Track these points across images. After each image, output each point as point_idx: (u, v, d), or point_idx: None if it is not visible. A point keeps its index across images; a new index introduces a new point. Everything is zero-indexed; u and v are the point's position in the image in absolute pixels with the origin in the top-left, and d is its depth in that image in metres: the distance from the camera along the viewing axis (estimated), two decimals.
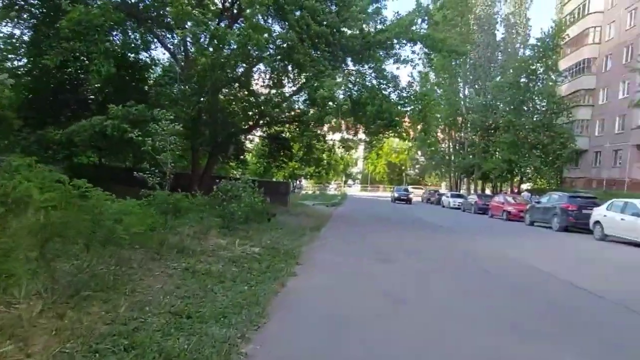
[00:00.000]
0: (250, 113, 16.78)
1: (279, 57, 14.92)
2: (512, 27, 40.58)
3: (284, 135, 19.70)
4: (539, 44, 32.89)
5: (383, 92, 14.36)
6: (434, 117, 17.65)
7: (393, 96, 14.79)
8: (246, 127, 17.78)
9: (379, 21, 14.26)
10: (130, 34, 18.21)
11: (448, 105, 39.72)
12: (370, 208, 28.64)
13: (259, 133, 21.39)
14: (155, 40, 17.57)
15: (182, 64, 15.42)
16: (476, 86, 40.45)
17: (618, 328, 5.03)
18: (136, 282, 5.31)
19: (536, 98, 32.52)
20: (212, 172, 17.52)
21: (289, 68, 14.60)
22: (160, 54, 26.93)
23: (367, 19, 13.74)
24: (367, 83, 14.33)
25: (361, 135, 18.44)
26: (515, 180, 36.14)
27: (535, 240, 15.25)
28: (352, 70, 14.28)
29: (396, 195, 41.52)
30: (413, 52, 14.73)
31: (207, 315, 4.33)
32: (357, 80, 14.19)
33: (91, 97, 15.99)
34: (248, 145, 23.78)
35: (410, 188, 49.99)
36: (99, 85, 15.70)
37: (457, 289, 6.52)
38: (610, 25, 36.82)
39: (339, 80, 11.54)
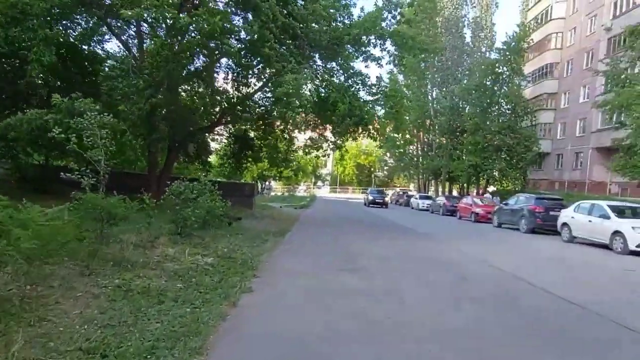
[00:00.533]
0: (212, 110, 15.67)
1: (244, 50, 13.99)
2: (478, 30, 41.00)
3: (248, 134, 18.64)
4: (504, 47, 33.16)
5: (352, 89, 13.61)
6: (404, 114, 17.04)
7: (362, 93, 14.17)
8: (208, 125, 16.67)
9: (346, 16, 13.50)
10: (82, 23, 16.87)
11: (416, 108, 39.64)
12: (339, 210, 27.96)
13: (224, 132, 20.31)
14: (109, 31, 16.29)
15: (136, 55, 14.22)
16: (444, 89, 40.59)
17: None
18: (49, 306, 4.30)
19: (502, 101, 32.76)
20: (171, 172, 16.31)
21: (254, 63, 13.63)
22: (116, 46, 25.38)
23: (335, 15, 12.97)
24: (335, 80, 13.55)
25: (329, 136, 17.70)
26: (481, 182, 36.34)
27: (505, 243, 14.90)
28: (320, 66, 13.44)
29: (370, 198, 36.47)
30: (383, 49, 14.11)
31: (130, 352, 3.40)
32: (325, 77, 13.39)
33: (34, 89, 14.48)
34: (214, 145, 22.62)
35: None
36: (42, 76, 14.25)
37: (436, 302, 5.80)
38: (571, 32, 37.73)
39: (303, 75, 10.69)
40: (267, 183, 46.81)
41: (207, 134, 18.10)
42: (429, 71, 41.00)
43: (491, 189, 44.73)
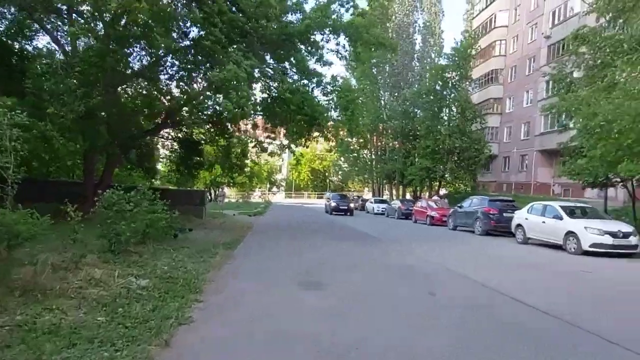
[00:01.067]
0: (157, 112, 14.35)
1: (190, 49, 12.90)
2: (428, 36, 41.74)
3: (195, 138, 17.35)
4: (453, 52, 33.82)
5: (305, 88, 12.84)
6: (359, 115, 16.44)
7: (317, 92, 13.45)
8: (152, 127, 15.31)
9: (298, 12, 12.70)
10: (8, 16, 15.13)
11: (370, 112, 39.65)
12: (294, 216, 27.07)
13: (172, 135, 18.84)
14: (38, 25, 14.64)
15: (68, 51, 12.74)
16: (396, 94, 40.91)
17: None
18: None
19: (452, 105, 33.36)
20: (111, 181, 14.81)
21: (201, 59, 12.53)
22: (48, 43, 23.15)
23: (285, 6, 12.13)
24: (288, 79, 12.71)
25: (283, 138, 16.84)
26: (434, 185, 36.80)
27: (463, 246, 14.66)
28: (271, 64, 12.52)
29: (333, 204, 31.48)
30: (337, 44, 13.39)
31: None
32: (277, 75, 12.53)
33: None
34: (165, 151, 21.06)
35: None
36: None
37: (407, 322, 5.09)
38: (514, 39, 39.22)
39: (245, 64, 9.81)
40: (220, 190, 44.91)
41: (151, 138, 16.67)
42: (380, 76, 41.22)
43: (443, 191, 45.61)
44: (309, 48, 13.12)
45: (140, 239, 8.84)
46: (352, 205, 32.27)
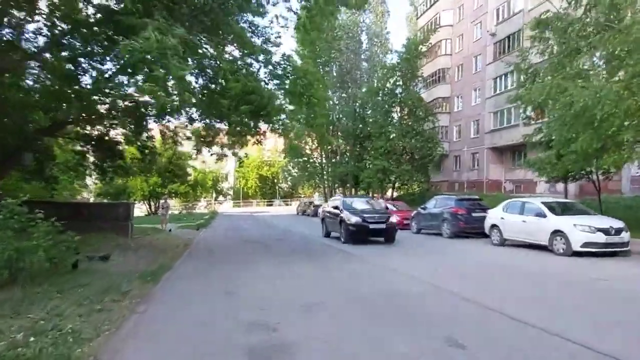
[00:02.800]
0: (58, 104, 10.99)
1: (101, 24, 9.87)
2: (374, 36, 40.32)
3: (110, 137, 13.96)
4: (404, 50, 32.47)
5: (249, 67, 10.10)
6: (322, 100, 13.94)
7: (264, 74, 10.76)
8: (49, 125, 11.91)
9: None
10: None
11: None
12: (241, 227, 24.06)
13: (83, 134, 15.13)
14: None
15: None
16: (344, 94, 39.06)
17: None
18: None
19: (404, 104, 31.90)
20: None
21: (114, 37, 9.53)
22: None
23: None
24: (227, 56, 9.90)
25: (223, 138, 14.01)
26: (388, 186, 35.16)
27: (437, 254, 12.63)
28: (206, 37, 9.62)
29: (355, 220, 14.56)
30: (289, 9, 10.64)
31: None
32: (213, 55, 9.72)
33: None
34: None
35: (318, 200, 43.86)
36: None
37: None
38: (459, 38, 38.76)
39: (173, 32, 7.02)
40: (162, 201, 40.24)
41: (51, 138, 13.15)
42: (327, 76, 39.20)
43: (389, 194, 44.21)
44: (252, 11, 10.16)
45: (7, 278, 5.81)
46: (393, 220, 15.47)
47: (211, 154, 13.72)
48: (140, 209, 56.93)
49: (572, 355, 3.88)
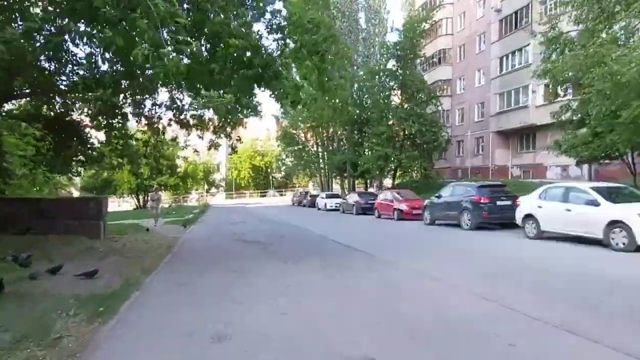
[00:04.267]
0: None
1: None
2: (372, 14, 37.71)
3: (73, 119, 11.40)
4: (407, 27, 30.03)
5: (243, 19, 7.63)
6: (341, 57, 11.47)
7: (260, 28, 8.37)
8: None
9: None
10: None
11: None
12: (235, 222, 21.71)
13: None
14: None
15: None
16: (341, 77, 36.56)
17: None
18: None
19: (406, 86, 29.52)
20: None
21: None
22: None
23: None
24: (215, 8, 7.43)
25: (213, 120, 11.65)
26: (387, 174, 32.96)
27: (468, 250, 10.50)
28: None
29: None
30: None
31: None
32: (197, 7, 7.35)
33: None
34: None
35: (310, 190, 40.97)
36: None
37: None
38: (461, 16, 36.39)
39: None
40: (152, 193, 37.71)
41: None
42: None
43: (387, 182, 41.97)
44: None
45: None
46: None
47: (200, 137, 11.33)
48: (129, 203, 54.42)
49: None
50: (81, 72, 8.97)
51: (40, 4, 7.41)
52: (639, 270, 7.72)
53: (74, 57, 8.76)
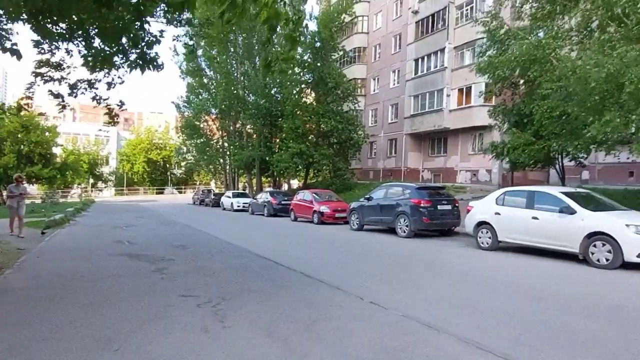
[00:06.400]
0: None
1: None
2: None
3: None
4: (324, 17, 27.69)
5: None
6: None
7: None
8: None
9: None
10: None
11: (224, 85, 31.11)
12: (122, 225, 17.09)
13: None
14: None
15: None
16: (252, 67, 33.05)
17: None
18: None
19: (324, 80, 27.15)
20: None
21: None
22: None
23: None
24: None
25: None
26: (301, 173, 30.36)
27: (426, 267, 8.16)
28: None
29: None
30: None
31: None
32: None
33: None
34: None
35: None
36: None
37: None
38: (377, 15, 35.33)
39: None
40: (12, 186, 29.43)
41: None
42: (232, 45, 32.86)
43: (294, 182, 39.42)
44: None
45: None
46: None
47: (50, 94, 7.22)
48: None
49: None
50: None
51: None
52: None
53: None
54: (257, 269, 7.57)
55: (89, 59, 6.65)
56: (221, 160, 38.71)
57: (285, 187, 39.93)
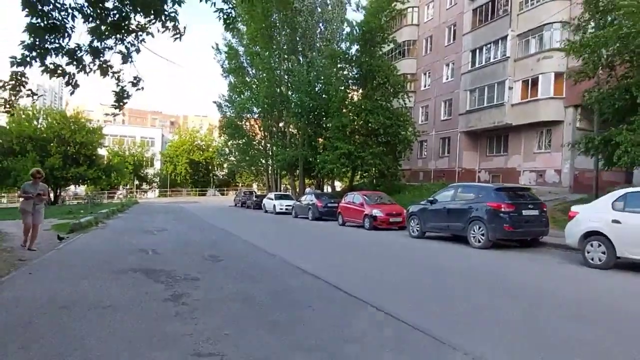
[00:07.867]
0: None
1: None
2: None
3: None
4: (373, 6, 25.71)
5: None
6: None
7: None
8: None
9: None
10: None
11: (267, 83, 29.83)
12: (155, 229, 15.73)
13: None
14: None
15: None
16: (296, 64, 31.60)
17: None
18: None
19: (373, 73, 25.17)
20: None
21: None
22: None
23: None
24: None
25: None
26: (348, 174, 28.39)
27: (512, 289, 6.04)
28: None
29: None
30: None
31: None
32: None
33: None
34: None
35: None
36: None
37: None
38: (428, 5, 32.91)
39: None
40: (29, 184, 28.04)
41: None
42: (275, 40, 31.52)
43: (337, 183, 37.50)
44: None
45: None
46: None
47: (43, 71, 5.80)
48: None
49: None
50: None
51: None
52: None
53: None
54: (313, 298, 5.57)
55: (97, 22, 5.10)
56: (263, 161, 37.57)
57: (328, 189, 38.21)
